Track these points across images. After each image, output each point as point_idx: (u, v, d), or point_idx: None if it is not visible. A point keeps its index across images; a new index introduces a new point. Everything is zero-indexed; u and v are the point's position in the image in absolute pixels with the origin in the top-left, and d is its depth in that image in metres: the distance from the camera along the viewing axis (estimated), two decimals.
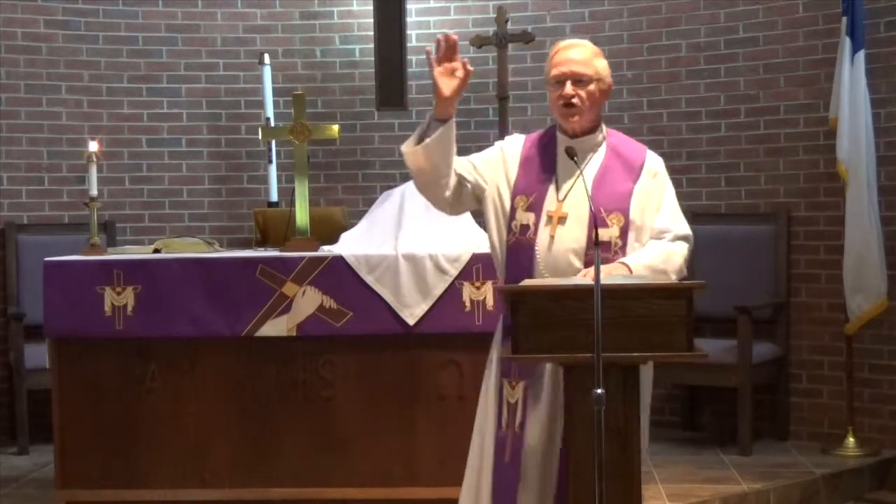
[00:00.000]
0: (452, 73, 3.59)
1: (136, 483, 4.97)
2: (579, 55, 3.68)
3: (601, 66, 3.70)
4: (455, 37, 3.61)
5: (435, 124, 3.63)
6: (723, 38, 6.52)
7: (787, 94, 6.34)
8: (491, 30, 6.66)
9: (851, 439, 5.92)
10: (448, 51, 3.59)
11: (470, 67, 3.59)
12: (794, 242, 6.32)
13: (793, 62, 6.33)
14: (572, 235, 3.60)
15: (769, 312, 6.26)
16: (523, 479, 3.62)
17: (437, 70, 3.59)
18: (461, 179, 3.73)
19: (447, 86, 3.58)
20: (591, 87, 3.66)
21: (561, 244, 3.60)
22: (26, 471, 5.84)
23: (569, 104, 3.65)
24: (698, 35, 6.58)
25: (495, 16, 6.62)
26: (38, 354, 5.79)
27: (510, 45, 6.60)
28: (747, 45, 6.45)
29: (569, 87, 3.64)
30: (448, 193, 3.72)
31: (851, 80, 5.77)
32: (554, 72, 3.68)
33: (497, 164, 3.77)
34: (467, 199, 3.78)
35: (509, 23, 6.59)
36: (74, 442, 4.97)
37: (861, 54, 5.77)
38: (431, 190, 3.74)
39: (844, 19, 5.81)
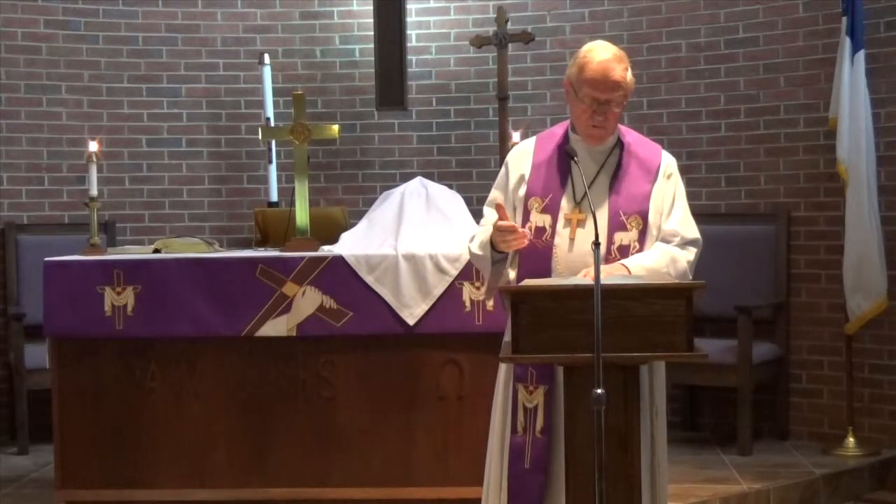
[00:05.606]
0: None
1: (136, 483, 4.97)
2: (617, 75, 3.54)
3: (630, 79, 3.61)
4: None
5: (497, 255, 3.64)
6: (723, 38, 6.52)
7: (787, 94, 6.34)
8: (491, 30, 6.66)
9: (851, 439, 5.91)
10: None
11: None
12: (794, 242, 6.32)
13: (793, 62, 6.33)
14: (591, 238, 3.57)
15: (769, 312, 6.26)
16: (552, 485, 3.55)
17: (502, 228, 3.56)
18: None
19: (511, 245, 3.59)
20: (620, 106, 3.59)
21: (581, 247, 3.57)
22: (26, 471, 5.83)
23: (598, 125, 3.59)
24: (698, 35, 6.58)
25: (495, 16, 6.62)
26: (38, 354, 5.79)
27: (510, 45, 6.60)
28: (747, 45, 6.45)
29: (598, 120, 3.56)
30: None
31: (851, 80, 5.77)
32: (589, 92, 3.54)
33: (505, 184, 3.74)
34: None
35: (509, 23, 6.59)
36: (74, 442, 4.96)
37: (861, 54, 5.77)
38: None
39: (844, 19, 5.81)
